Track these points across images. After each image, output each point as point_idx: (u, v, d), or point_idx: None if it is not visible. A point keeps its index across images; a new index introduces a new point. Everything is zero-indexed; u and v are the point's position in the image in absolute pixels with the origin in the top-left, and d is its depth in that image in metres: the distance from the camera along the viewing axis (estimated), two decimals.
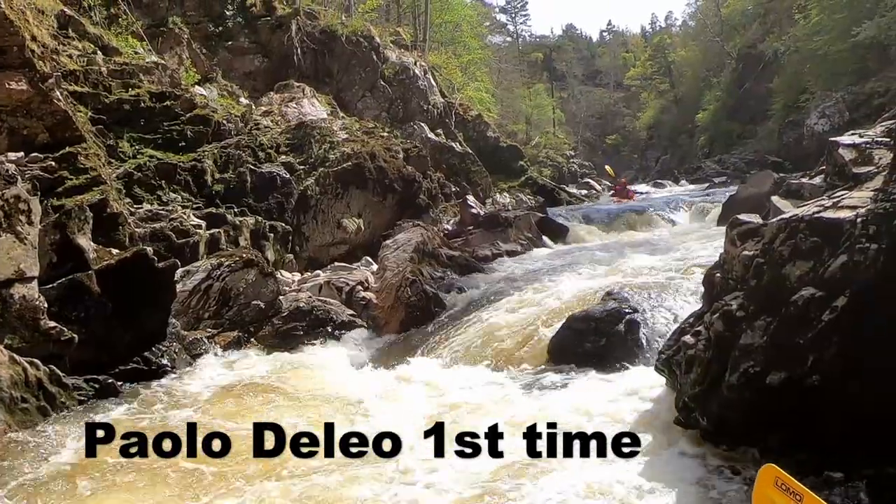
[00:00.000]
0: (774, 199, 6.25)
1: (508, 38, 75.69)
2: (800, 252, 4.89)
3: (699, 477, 5.10)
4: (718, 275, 6.05)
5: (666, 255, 12.99)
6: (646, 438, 5.66)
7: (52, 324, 7.94)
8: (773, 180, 17.89)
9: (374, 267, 13.51)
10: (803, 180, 6.42)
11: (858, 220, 4.61)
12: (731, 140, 44.95)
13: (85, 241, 8.93)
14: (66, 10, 13.77)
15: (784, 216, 5.24)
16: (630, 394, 6.85)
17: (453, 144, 25.79)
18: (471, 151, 26.48)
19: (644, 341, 8.08)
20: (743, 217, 5.93)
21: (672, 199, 24.79)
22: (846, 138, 5.89)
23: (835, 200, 5.02)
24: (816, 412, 4.65)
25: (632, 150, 70.90)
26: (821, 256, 4.77)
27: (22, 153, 9.76)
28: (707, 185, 33.83)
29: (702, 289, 8.75)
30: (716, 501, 4.78)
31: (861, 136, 5.86)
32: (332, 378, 8.88)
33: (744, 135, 43.28)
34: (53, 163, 10.28)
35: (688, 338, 5.84)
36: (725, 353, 5.22)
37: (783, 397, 4.74)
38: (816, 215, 4.91)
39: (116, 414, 7.58)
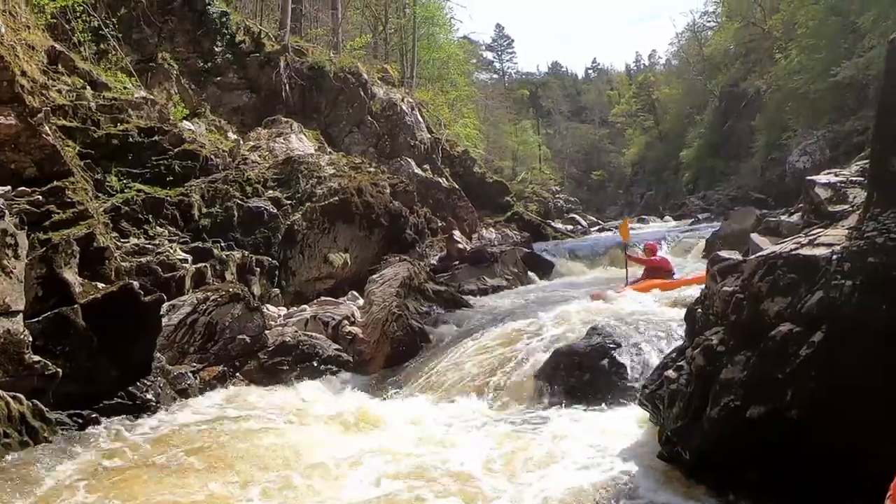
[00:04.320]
0: (753, 236, 6.37)
1: (495, 75, 76.74)
2: (778, 288, 4.99)
3: None
4: (699, 310, 6.14)
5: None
6: (630, 473, 5.70)
7: (37, 358, 7.91)
8: (756, 217, 18.17)
9: (361, 301, 13.54)
10: (781, 218, 6.55)
11: (834, 257, 4.72)
12: (714, 176, 45.49)
13: (71, 275, 8.93)
14: (56, 45, 13.87)
15: (762, 253, 5.35)
16: (614, 428, 6.90)
17: (440, 180, 25.96)
18: (457, 186, 26.67)
19: (628, 376, 8.14)
20: (723, 254, 6.05)
21: (656, 235, 24.97)
22: (822, 177, 6.04)
23: (811, 238, 5.13)
24: (795, 447, 4.71)
25: (617, 185, 71.54)
26: (798, 292, 4.86)
27: (9, 187, 9.77)
28: (691, 220, 34.16)
29: (685, 324, 8.91)
30: None
31: (836, 175, 6.00)
32: (315, 418, 8.79)
33: (727, 171, 43.82)
34: (41, 197, 10.28)
35: (670, 372, 5.92)
36: (706, 387, 5.29)
37: (763, 432, 4.81)
38: (794, 252, 5.01)
39: (92, 450, 7.52)
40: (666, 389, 5.89)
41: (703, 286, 8.40)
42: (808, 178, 6.21)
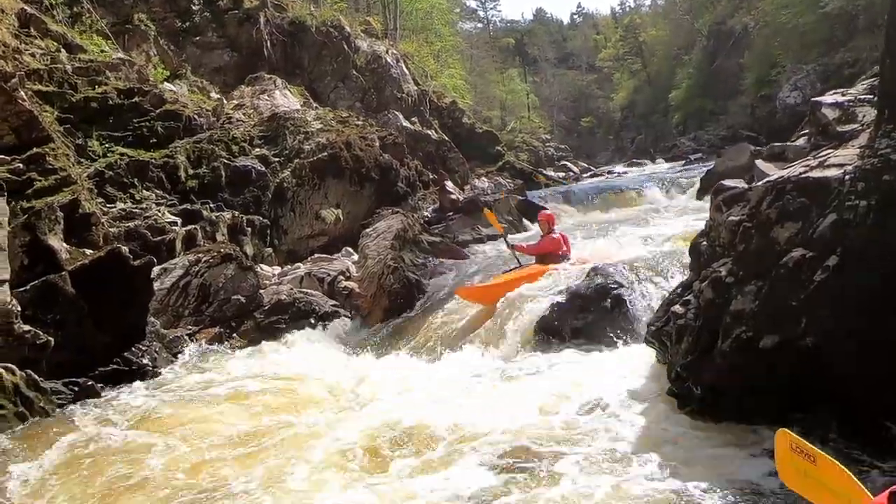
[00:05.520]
0: (759, 162, 6.17)
1: (479, 24, 75.45)
2: (788, 213, 4.81)
3: (692, 446, 5.01)
4: (704, 243, 5.97)
5: (647, 230, 12.95)
6: (641, 411, 5.57)
7: (27, 328, 7.73)
8: (750, 152, 17.91)
9: (355, 257, 13.35)
10: (787, 143, 6.33)
11: (846, 177, 4.53)
12: (704, 117, 45.08)
13: (56, 242, 8.71)
14: (27, 8, 13.43)
15: (770, 178, 5.16)
16: (621, 368, 6.77)
17: (429, 132, 25.59)
18: (447, 138, 26.30)
19: (631, 315, 7.98)
20: (727, 183, 5.86)
21: (650, 178, 24.77)
22: (829, 97, 5.82)
23: (821, 160, 4.94)
24: (810, 376, 4.57)
25: (606, 131, 70.93)
26: (809, 217, 4.69)
27: None
28: (683, 161, 33.92)
29: (686, 260, 8.73)
30: (710, 469, 4.66)
31: (843, 95, 5.79)
32: (314, 375, 8.65)
33: (716, 111, 43.42)
34: (21, 164, 10.00)
35: (677, 308, 5.76)
36: (716, 320, 5.14)
37: (777, 362, 4.67)
38: (803, 175, 4.82)
39: (91, 419, 7.40)
40: (673, 325, 5.74)
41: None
42: (815, 99, 5.98)
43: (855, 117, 5.35)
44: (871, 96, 5.46)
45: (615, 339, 7.62)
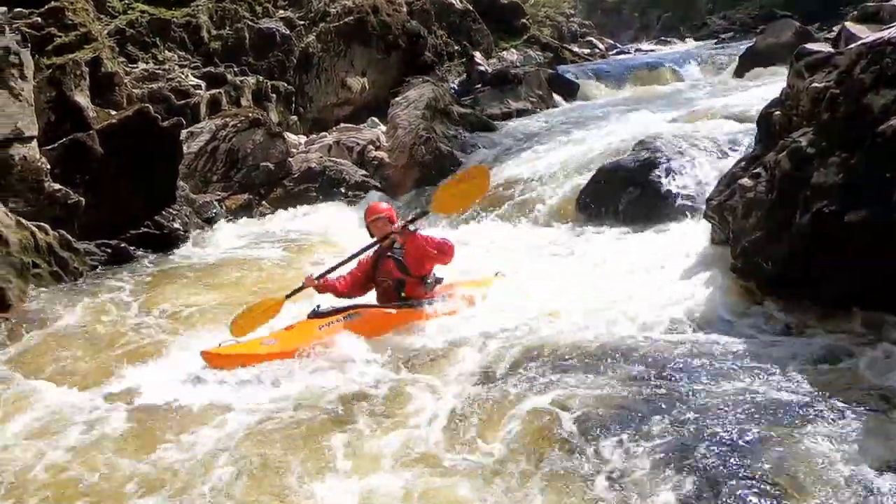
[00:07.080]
0: (847, 24, 5.67)
1: None
2: (886, 79, 4.41)
3: (757, 324, 4.84)
4: (778, 112, 5.57)
5: (688, 107, 12.40)
6: (703, 288, 5.35)
7: (58, 186, 7.52)
8: (795, 28, 17.09)
9: (382, 127, 12.95)
10: (882, 2, 5.81)
11: None
12: None
13: (83, 99, 8.38)
14: None
15: (865, 41, 4.73)
16: (673, 245, 6.52)
17: (453, 1, 24.50)
18: (471, 9, 25.21)
19: (681, 191, 7.64)
20: (811, 46, 5.40)
21: (683, 55, 23.82)
22: None
23: None
24: None
25: (632, 7, 68.15)
26: None
27: (4, 8, 9.01)
28: (715, 41, 32.59)
29: (737, 135, 8.36)
30: (780, 347, 4.48)
31: None
32: (348, 244, 8.48)
33: None
34: (39, 19, 9.56)
35: (745, 181, 5.42)
36: (793, 194, 4.82)
37: (862, 238, 4.39)
38: None
39: (125, 280, 7.31)
40: (740, 199, 5.41)
41: None
42: None
43: None
44: None
45: (666, 214, 7.34)
